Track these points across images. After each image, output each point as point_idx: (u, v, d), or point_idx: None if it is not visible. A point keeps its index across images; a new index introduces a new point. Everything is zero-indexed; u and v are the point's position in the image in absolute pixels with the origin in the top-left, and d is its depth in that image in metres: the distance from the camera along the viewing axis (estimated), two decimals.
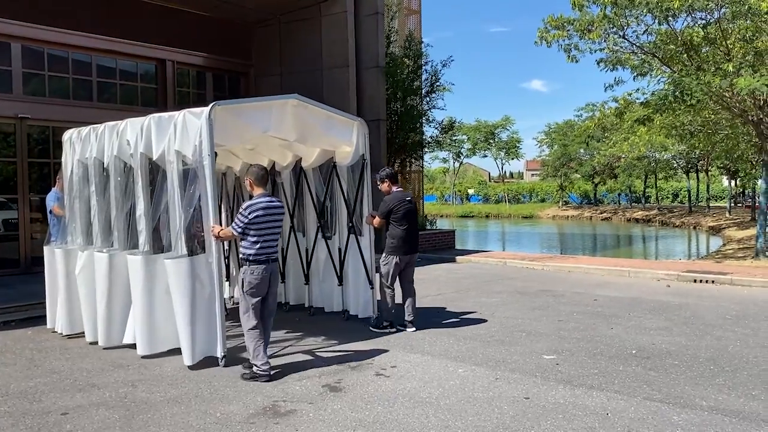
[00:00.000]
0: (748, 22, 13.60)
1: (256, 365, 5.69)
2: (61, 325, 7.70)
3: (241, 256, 5.84)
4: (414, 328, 7.60)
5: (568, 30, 14.18)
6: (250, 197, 6.02)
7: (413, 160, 19.84)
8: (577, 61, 14.80)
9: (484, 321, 8.21)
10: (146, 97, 14.75)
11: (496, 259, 14.98)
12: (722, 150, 24.28)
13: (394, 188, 7.70)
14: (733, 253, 18.60)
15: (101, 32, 13.46)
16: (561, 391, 5.35)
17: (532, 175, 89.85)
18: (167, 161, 6.35)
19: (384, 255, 7.65)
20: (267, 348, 5.88)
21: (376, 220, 7.65)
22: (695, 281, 11.40)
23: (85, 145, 7.52)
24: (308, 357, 6.57)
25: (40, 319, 8.37)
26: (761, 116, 14.73)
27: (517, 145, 64.50)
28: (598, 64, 14.93)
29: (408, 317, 7.67)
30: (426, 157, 29.02)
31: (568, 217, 57.15)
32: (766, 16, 12.68)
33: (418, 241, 7.86)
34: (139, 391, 5.54)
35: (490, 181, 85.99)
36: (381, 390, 5.43)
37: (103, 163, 7.25)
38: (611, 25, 13.99)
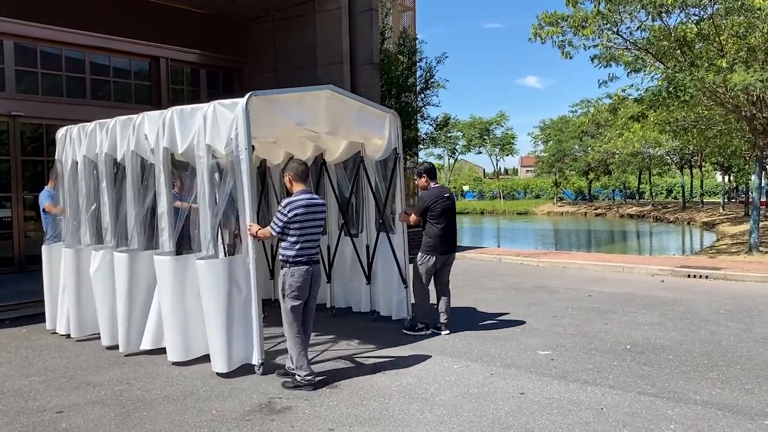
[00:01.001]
0: (741, 18, 13.65)
1: (299, 375, 5.34)
2: (68, 328, 7.47)
3: (280, 257, 5.47)
4: (448, 331, 7.22)
5: (562, 26, 14.21)
6: (287, 194, 5.72)
7: (408, 157, 19.84)
8: (571, 58, 14.84)
9: (480, 317, 8.23)
10: (140, 95, 14.70)
11: (490, 255, 15.01)
12: (716, 146, 24.40)
13: (432, 184, 7.32)
14: (727, 248, 18.68)
15: (94, 30, 13.39)
16: (556, 387, 5.37)
17: (527, 171, 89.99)
18: (197, 156, 6.02)
19: (420, 254, 7.24)
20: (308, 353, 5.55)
21: (412, 218, 7.27)
22: (689, 276, 11.45)
23: (92, 141, 7.24)
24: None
25: (35, 318, 8.35)
26: (754, 112, 14.79)
27: (512, 141, 64.66)
28: (592, 60, 14.97)
29: (443, 319, 7.27)
30: (421, 153, 29.01)
31: (562, 213, 57.27)
32: (758, 11, 12.73)
33: (456, 240, 7.46)
34: (134, 388, 5.54)
35: (484, 177, 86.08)
36: (376, 386, 5.44)
37: (116, 159, 6.95)
38: (605, 22, 14.03)
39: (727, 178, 43.64)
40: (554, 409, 4.85)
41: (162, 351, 6.48)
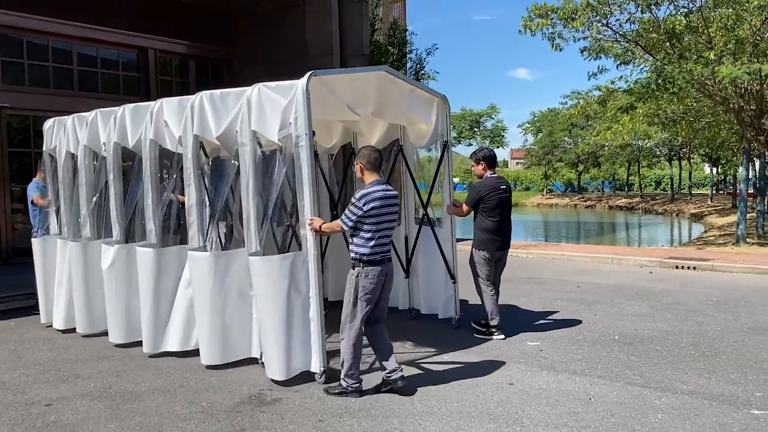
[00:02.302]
0: (729, 10, 13.73)
1: (347, 381, 4.96)
2: (66, 323, 7.30)
3: (352, 255, 4.95)
4: (503, 336, 6.73)
5: (552, 18, 14.23)
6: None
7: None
8: (561, 50, 14.88)
9: (469, 309, 8.26)
10: (128, 86, 14.58)
11: None
12: (704, 138, 24.57)
13: (489, 173, 6.75)
14: (715, 239, 18.82)
15: (82, 20, 13.25)
16: (545, 377, 5.41)
17: (517, 163, 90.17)
18: (239, 143, 5.56)
19: (472, 251, 6.78)
20: (392, 355, 5.07)
21: (464, 208, 6.75)
22: (677, 267, 11.53)
23: (94, 131, 6.93)
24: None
25: (23, 311, 8.31)
26: (742, 104, 14.89)
27: (502, 133, 64.68)
28: (581, 52, 15.01)
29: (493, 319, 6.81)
30: None
31: (552, 205, 57.49)
32: (747, 4, 12.79)
33: (510, 234, 6.88)
34: (124, 381, 5.53)
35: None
36: (365, 379, 5.44)
37: (126, 149, 6.65)
38: (594, 14, 14.06)
39: (715, 170, 43.92)
40: (543, 399, 4.88)
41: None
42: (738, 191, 19.96)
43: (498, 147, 67.38)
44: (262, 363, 5.55)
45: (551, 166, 59.27)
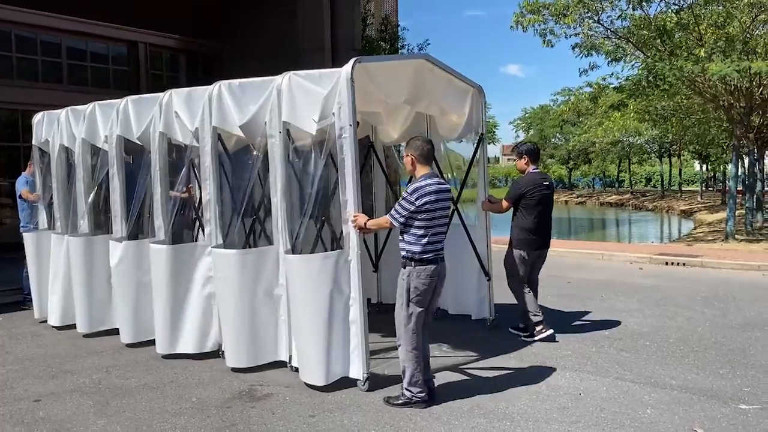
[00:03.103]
0: (719, 8, 13.79)
1: (411, 390, 4.62)
2: (62, 319, 7.15)
3: (403, 254, 4.62)
4: (529, 333, 6.50)
5: (544, 14, 14.26)
6: (409, 179, 4.95)
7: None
8: (552, 46, 14.91)
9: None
10: (118, 80, 14.49)
11: None
12: (694, 134, 24.74)
13: (531, 168, 6.45)
14: (704, 236, 18.95)
15: (71, 13, 13.14)
16: (535, 372, 5.42)
17: (508, 159, 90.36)
18: (268, 135, 5.32)
19: (509, 249, 6.50)
20: (428, 361, 4.82)
21: (504, 205, 6.46)
22: (667, 264, 11.60)
23: (93, 124, 6.74)
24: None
25: (11, 306, 8.25)
26: (732, 101, 14.96)
27: (494, 129, 64.81)
28: (573, 48, 15.03)
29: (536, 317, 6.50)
30: None
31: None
32: (737, 2, 12.85)
33: (550, 233, 6.60)
34: (113, 377, 5.50)
35: (463, 165, 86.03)
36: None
37: (129, 141, 6.44)
38: (586, 10, 14.10)
39: (704, 166, 44.21)
40: (533, 394, 4.90)
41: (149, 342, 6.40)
42: (727, 188, 20.08)
43: (489, 143, 67.67)
44: (291, 367, 5.38)
45: (542, 163, 59.48)
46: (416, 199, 4.50)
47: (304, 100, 5.09)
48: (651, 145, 45.30)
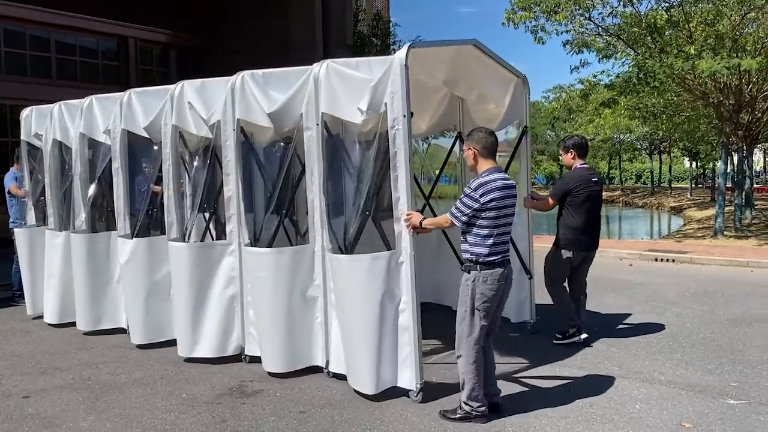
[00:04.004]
0: (709, 5, 13.84)
1: (471, 405, 4.28)
2: (59, 317, 7.02)
3: (466, 256, 4.27)
4: (585, 335, 6.16)
5: (535, 11, 14.24)
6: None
7: None
8: (543, 43, 14.90)
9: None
10: (108, 75, 14.42)
11: None
12: (684, 132, 24.83)
13: (579, 163, 6.07)
14: (693, 232, 19.05)
15: (60, 7, 13.06)
16: (525, 369, 5.44)
17: (499, 156, 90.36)
18: (304, 127, 5.05)
19: (553, 249, 6.17)
20: (494, 371, 4.50)
21: (550, 202, 6.10)
22: (656, 260, 11.67)
23: (91, 117, 6.57)
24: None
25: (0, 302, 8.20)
26: (721, 99, 15.04)
27: None
28: (564, 45, 15.05)
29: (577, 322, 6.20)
30: None
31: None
32: None
33: (599, 233, 6.22)
34: (103, 373, 5.48)
35: (456, 163, 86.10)
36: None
37: (136, 135, 6.24)
38: (577, 7, 14.11)
39: (694, 163, 44.44)
40: (520, 389, 4.91)
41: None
42: (716, 185, 20.21)
43: None
44: (329, 372, 5.15)
45: (533, 159, 59.61)
46: (481, 196, 4.11)
47: (346, 89, 4.80)
48: (641, 142, 45.51)
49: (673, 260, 11.52)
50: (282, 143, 5.77)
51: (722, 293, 8.58)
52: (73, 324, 6.85)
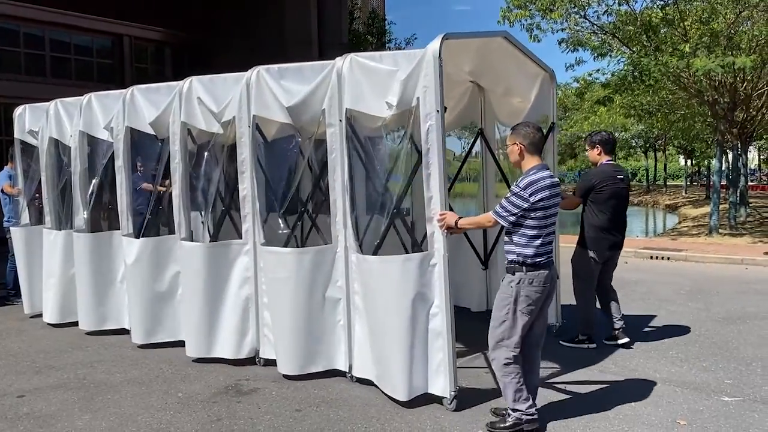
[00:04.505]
0: (704, 3, 13.87)
1: (519, 408, 4.03)
2: (60, 316, 6.94)
3: (512, 257, 4.05)
4: (627, 339, 5.96)
5: (530, 9, 14.24)
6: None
7: None
8: (539, 41, 14.89)
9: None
10: (103, 73, 14.38)
11: None
12: (679, 129, 24.88)
13: (605, 159, 5.87)
14: (688, 230, 19.09)
15: (54, 5, 13.01)
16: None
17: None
18: (327, 124, 4.88)
19: (578, 248, 5.96)
20: (536, 390, 4.27)
21: (573, 201, 5.92)
22: (651, 258, 11.70)
23: (91, 115, 6.48)
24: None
25: None
26: (716, 97, 15.09)
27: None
28: (559, 44, 15.06)
29: (618, 326, 5.98)
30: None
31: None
32: None
33: (624, 232, 6.02)
34: (98, 372, 5.47)
35: (453, 160, 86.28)
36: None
37: (139, 132, 6.14)
38: (572, 5, 14.11)
39: (689, 161, 44.59)
40: None
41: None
42: (711, 183, 20.27)
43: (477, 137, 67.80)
44: (352, 377, 4.99)
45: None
46: (530, 195, 3.90)
47: (372, 84, 4.64)
48: (637, 140, 45.63)
49: (668, 258, 11.55)
50: (298, 139, 5.62)
51: (717, 291, 8.61)
52: (74, 324, 6.82)
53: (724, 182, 19.78)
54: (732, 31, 13.99)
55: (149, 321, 6.05)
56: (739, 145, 18.07)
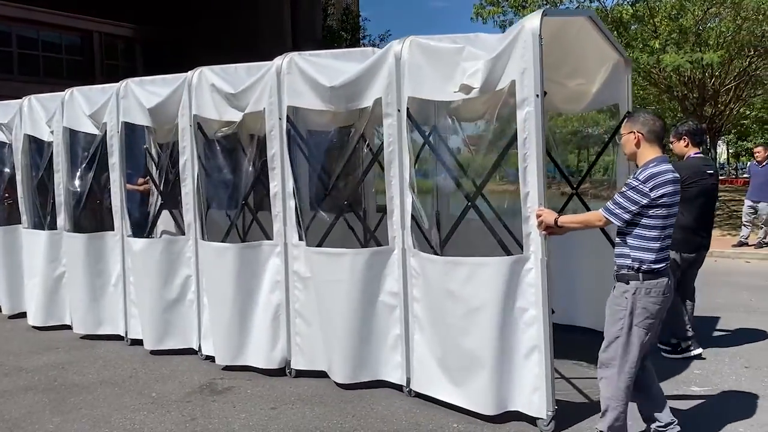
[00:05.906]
0: (673, 0, 14.10)
1: None
2: (45, 319, 6.75)
3: (627, 263, 3.49)
4: (700, 350, 5.44)
5: (503, 6, 14.36)
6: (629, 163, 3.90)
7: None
8: None
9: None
10: (72, 70, 14.16)
11: None
12: None
13: (692, 152, 5.32)
14: None
15: (21, 1, 12.77)
16: None
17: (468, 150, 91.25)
18: (384, 114, 4.45)
19: None
20: (667, 402, 3.69)
21: None
22: None
23: (75, 110, 6.21)
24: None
25: None
26: (686, 92, 15.35)
27: None
28: None
29: (688, 333, 5.48)
30: None
31: (503, 191, 58.28)
32: None
33: (711, 232, 5.50)
34: (70, 373, 5.39)
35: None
36: None
37: (137, 127, 5.94)
38: (545, 2, 14.23)
39: None
40: None
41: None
42: None
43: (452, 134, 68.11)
44: (410, 391, 4.55)
45: (504, 153, 60.17)
46: (651, 190, 3.37)
47: (436, 67, 4.21)
48: (608, 135, 46.28)
49: None
50: (338, 130, 5.37)
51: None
52: (59, 327, 6.71)
53: None
54: (700, 28, 14.25)
55: (159, 325, 5.75)
56: (708, 139, 18.40)
